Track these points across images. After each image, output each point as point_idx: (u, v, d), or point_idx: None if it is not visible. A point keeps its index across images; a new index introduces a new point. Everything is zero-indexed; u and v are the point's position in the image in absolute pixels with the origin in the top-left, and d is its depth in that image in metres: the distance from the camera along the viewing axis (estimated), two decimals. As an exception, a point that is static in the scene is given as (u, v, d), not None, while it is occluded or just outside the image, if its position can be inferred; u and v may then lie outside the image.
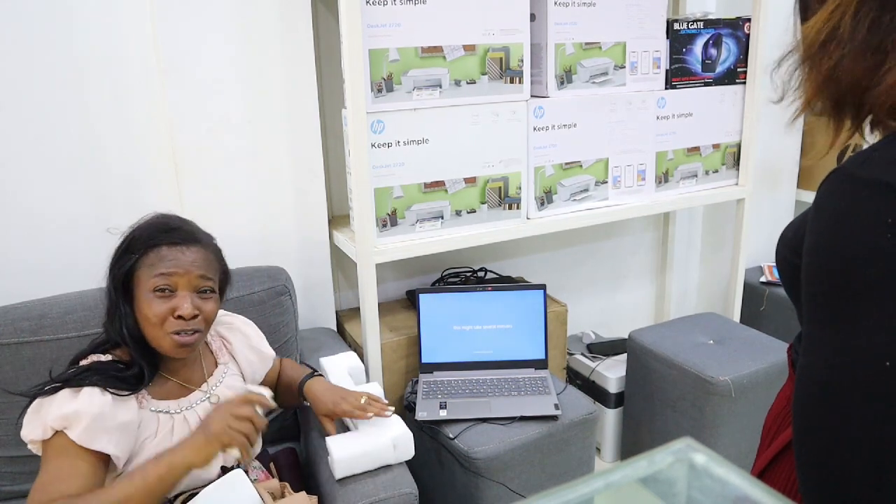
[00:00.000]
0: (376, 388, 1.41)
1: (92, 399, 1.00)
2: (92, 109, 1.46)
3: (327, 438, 1.23)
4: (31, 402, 1.02)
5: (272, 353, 1.36)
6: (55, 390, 1.01)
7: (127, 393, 1.05)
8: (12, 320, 1.32)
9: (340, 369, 1.47)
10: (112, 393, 1.03)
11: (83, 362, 1.08)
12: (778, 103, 0.68)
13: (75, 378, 1.02)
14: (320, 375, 1.35)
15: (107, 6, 1.42)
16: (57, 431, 0.99)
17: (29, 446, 1.03)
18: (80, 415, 0.98)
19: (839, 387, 0.55)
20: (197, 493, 1.06)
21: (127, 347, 1.09)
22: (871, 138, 0.62)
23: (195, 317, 1.08)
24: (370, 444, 1.22)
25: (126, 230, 1.13)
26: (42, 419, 0.99)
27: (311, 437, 1.41)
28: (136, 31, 1.46)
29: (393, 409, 1.26)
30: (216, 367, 1.23)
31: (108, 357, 1.09)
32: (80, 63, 1.42)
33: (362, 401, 1.24)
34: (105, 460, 1.02)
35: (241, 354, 1.29)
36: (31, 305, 1.36)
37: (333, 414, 1.25)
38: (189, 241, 1.11)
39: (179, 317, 1.06)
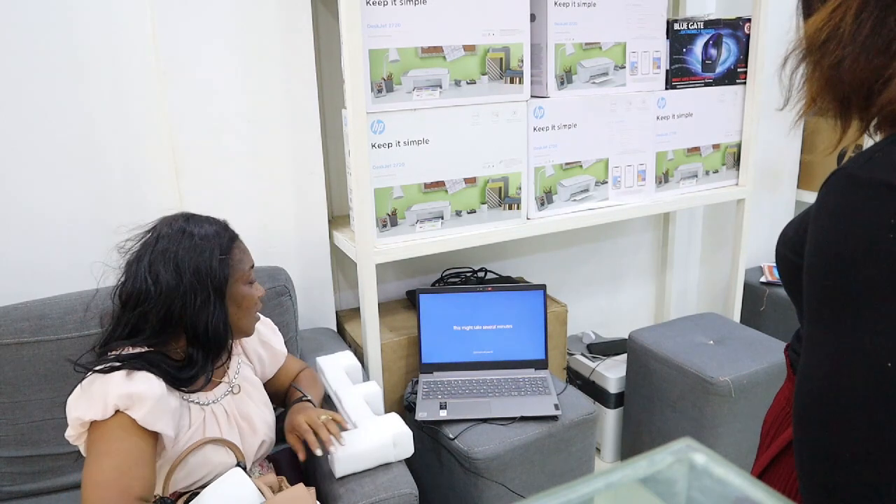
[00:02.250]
0: (374, 388, 1.41)
1: (150, 382, 1.01)
2: (92, 109, 1.46)
3: None
4: (83, 379, 1.02)
5: (284, 350, 1.38)
6: (110, 370, 1.01)
7: (177, 390, 1.08)
8: (12, 320, 1.33)
9: (337, 368, 1.47)
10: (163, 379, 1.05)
11: (119, 352, 1.06)
12: (782, 110, 0.67)
13: (129, 362, 1.02)
14: (309, 401, 1.31)
15: (107, 6, 1.42)
16: (117, 412, 0.99)
17: (69, 432, 1.02)
18: (144, 396, 0.99)
19: (840, 387, 0.55)
20: (198, 493, 1.06)
21: (195, 346, 1.10)
22: (871, 138, 0.62)
23: None
24: (370, 442, 1.22)
25: (189, 228, 1.11)
26: (102, 398, 0.99)
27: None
28: (136, 31, 1.46)
29: (339, 447, 1.20)
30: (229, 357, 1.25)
31: (143, 349, 1.07)
32: (80, 63, 1.43)
33: (322, 418, 1.21)
34: (158, 442, 1.04)
35: (251, 348, 1.32)
36: (31, 305, 1.36)
37: (292, 429, 1.22)
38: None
39: (259, 299, 1.21)
